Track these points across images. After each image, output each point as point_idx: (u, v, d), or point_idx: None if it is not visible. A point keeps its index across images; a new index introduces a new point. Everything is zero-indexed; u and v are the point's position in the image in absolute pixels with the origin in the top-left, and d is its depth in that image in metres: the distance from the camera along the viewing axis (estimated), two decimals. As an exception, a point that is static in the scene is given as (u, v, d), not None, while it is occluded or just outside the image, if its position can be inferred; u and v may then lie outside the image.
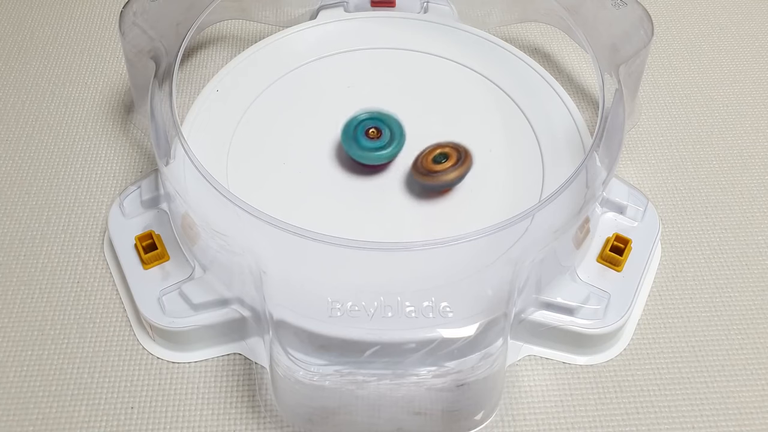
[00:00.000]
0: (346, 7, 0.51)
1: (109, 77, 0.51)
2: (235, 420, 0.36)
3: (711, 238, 0.43)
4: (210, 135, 0.43)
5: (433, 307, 0.35)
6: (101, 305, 0.40)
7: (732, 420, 0.36)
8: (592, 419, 0.36)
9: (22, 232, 0.43)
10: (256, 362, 0.37)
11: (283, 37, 0.49)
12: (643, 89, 0.50)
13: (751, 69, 0.52)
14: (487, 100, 0.46)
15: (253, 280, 0.35)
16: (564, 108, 0.44)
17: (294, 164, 0.42)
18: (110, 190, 0.45)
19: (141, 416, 0.36)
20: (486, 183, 0.41)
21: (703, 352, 0.38)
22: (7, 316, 0.39)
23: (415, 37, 0.49)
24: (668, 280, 0.41)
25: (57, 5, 0.56)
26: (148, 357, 0.38)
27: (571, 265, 0.38)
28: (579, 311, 0.37)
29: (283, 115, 0.45)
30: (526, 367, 0.38)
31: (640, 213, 0.41)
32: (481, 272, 0.36)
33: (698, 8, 0.56)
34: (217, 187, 0.36)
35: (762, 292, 0.41)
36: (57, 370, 0.37)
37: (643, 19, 0.43)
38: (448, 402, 0.34)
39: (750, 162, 0.47)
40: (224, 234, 0.36)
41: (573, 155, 0.42)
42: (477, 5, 0.53)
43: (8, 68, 0.52)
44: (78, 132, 0.48)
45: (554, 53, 0.53)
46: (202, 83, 0.49)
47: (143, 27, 0.44)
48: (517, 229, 0.36)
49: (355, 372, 0.33)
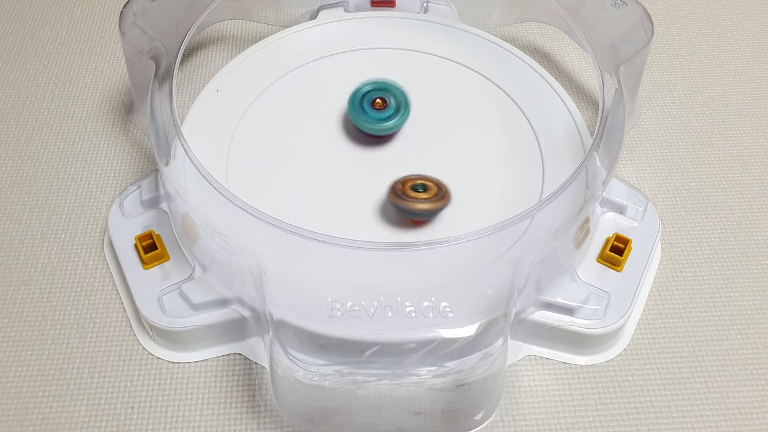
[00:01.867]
0: (346, 7, 0.51)
1: (109, 77, 0.51)
2: (235, 420, 0.36)
3: (711, 238, 0.43)
4: (210, 135, 0.43)
5: (433, 307, 0.35)
6: (101, 305, 0.40)
7: (732, 420, 0.36)
8: (592, 419, 0.36)
9: (22, 232, 0.43)
10: (256, 362, 0.37)
11: (283, 37, 0.49)
12: (643, 89, 0.50)
13: (751, 69, 0.52)
14: (487, 100, 0.46)
15: (253, 280, 0.35)
16: (564, 108, 0.44)
17: (294, 164, 0.42)
18: (110, 190, 0.45)
19: (141, 416, 0.36)
20: (486, 183, 0.41)
21: (703, 352, 0.38)
22: (7, 316, 0.39)
23: (415, 37, 0.49)
24: (668, 280, 0.41)
25: (57, 5, 0.56)
26: (148, 357, 0.38)
27: (571, 265, 0.38)
28: (579, 311, 0.37)
29: (283, 115, 0.45)
30: (526, 367, 0.38)
31: (640, 213, 0.41)
32: (481, 272, 0.36)
33: (698, 8, 0.56)
34: (217, 187, 0.36)
35: (762, 292, 0.41)
36: (57, 370, 0.37)
37: (643, 19, 0.43)
38: (448, 402, 0.34)
39: (750, 162, 0.47)
40: (224, 234, 0.36)
41: (573, 155, 0.42)
42: (477, 5, 0.53)
43: (8, 68, 0.52)
44: (78, 132, 0.48)
45: (554, 53, 0.53)
46: (202, 83, 0.49)
47: (143, 27, 0.44)
48: (517, 229, 0.36)
49: (355, 372, 0.33)
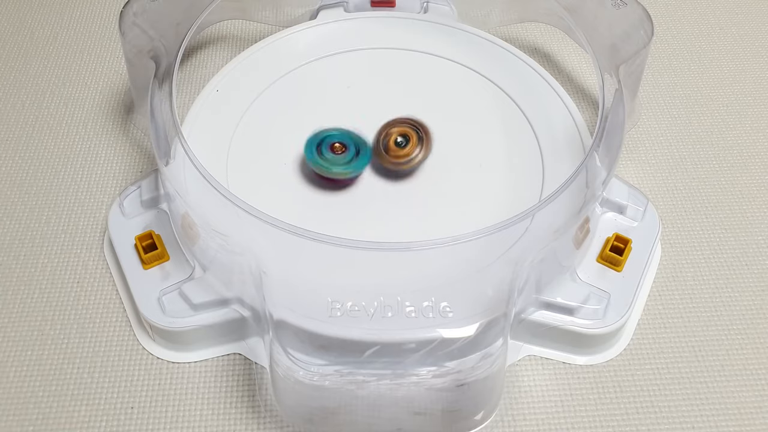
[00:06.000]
0: (346, 7, 0.51)
1: (109, 77, 0.51)
2: (235, 420, 0.36)
3: (711, 238, 0.43)
4: (210, 135, 0.43)
5: (433, 307, 0.35)
6: (101, 305, 0.40)
7: (732, 420, 0.36)
8: (592, 419, 0.36)
9: (22, 232, 0.43)
10: (256, 362, 0.37)
11: (283, 37, 0.49)
12: (643, 89, 0.50)
13: (751, 69, 0.52)
14: (487, 100, 0.46)
15: (253, 280, 0.35)
16: (564, 108, 0.44)
17: (294, 164, 0.42)
18: (110, 190, 0.45)
19: (141, 416, 0.36)
20: (486, 183, 0.41)
21: (703, 352, 0.38)
22: (7, 316, 0.39)
23: (415, 37, 0.49)
24: (668, 280, 0.41)
25: (57, 5, 0.56)
26: (148, 357, 0.38)
27: (571, 265, 0.38)
28: (579, 311, 0.37)
29: (283, 115, 0.45)
30: (526, 367, 0.38)
31: (640, 213, 0.41)
32: (481, 272, 0.36)
33: (698, 8, 0.56)
34: (217, 187, 0.36)
35: (762, 292, 0.41)
36: (57, 370, 0.37)
37: (643, 19, 0.43)
38: (448, 402, 0.34)
39: (750, 162, 0.47)
40: (224, 234, 0.36)
41: (573, 155, 0.42)
42: (477, 5, 0.53)
43: (8, 68, 0.52)
44: (78, 132, 0.48)
45: (554, 53, 0.53)
46: (202, 83, 0.49)
47: (143, 27, 0.44)
48: (517, 229, 0.36)
49: (355, 372, 0.33)
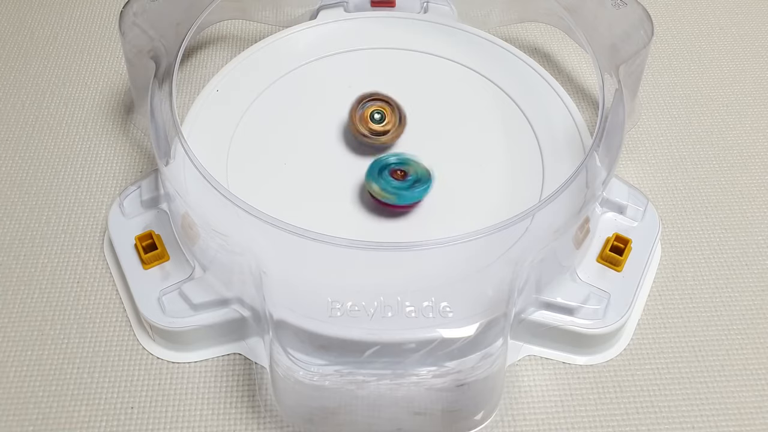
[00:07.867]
0: (346, 7, 0.51)
1: (109, 77, 0.51)
2: (235, 420, 0.36)
3: (711, 238, 0.43)
4: (210, 135, 0.43)
5: (433, 307, 0.35)
6: (101, 305, 0.40)
7: (732, 420, 0.36)
8: (592, 419, 0.36)
9: (22, 232, 0.43)
10: (256, 362, 0.37)
11: (283, 37, 0.49)
12: (643, 89, 0.50)
13: (751, 69, 0.52)
14: (487, 100, 0.46)
15: (253, 280, 0.35)
16: (564, 108, 0.44)
17: (294, 164, 0.42)
18: (110, 190, 0.45)
19: (141, 416, 0.36)
20: (486, 183, 0.41)
21: (703, 352, 0.38)
22: (7, 316, 0.39)
23: (415, 37, 0.49)
24: (668, 280, 0.41)
25: (57, 5, 0.56)
26: (148, 357, 0.38)
27: (571, 265, 0.38)
28: (579, 311, 0.37)
29: (283, 115, 0.45)
30: (526, 367, 0.38)
31: (640, 213, 0.41)
32: (481, 272, 0.36)
33: (698, 8, 0.56)
34: (217, 187, 0.36)
35: (762, 292, 0.41)
36: (57, 370, 0.37)
37: (643, 19, 0.43)
38: (448, 402, 0.34)
39: (750, 162, 0.47)
40: (224, 234, 0.36)
41: (573, 155, 0.42)
42: (477, 5, 0.53)
43: (8, 68, 0.51)
44: (78, 132, 0.48)
45: (554, 53, 0.53)
46: (202, 83, 0.49)
47: (143, 27, 0.44)
48: (517, 229, 0.37)
49: (355, 372, 0.33)
